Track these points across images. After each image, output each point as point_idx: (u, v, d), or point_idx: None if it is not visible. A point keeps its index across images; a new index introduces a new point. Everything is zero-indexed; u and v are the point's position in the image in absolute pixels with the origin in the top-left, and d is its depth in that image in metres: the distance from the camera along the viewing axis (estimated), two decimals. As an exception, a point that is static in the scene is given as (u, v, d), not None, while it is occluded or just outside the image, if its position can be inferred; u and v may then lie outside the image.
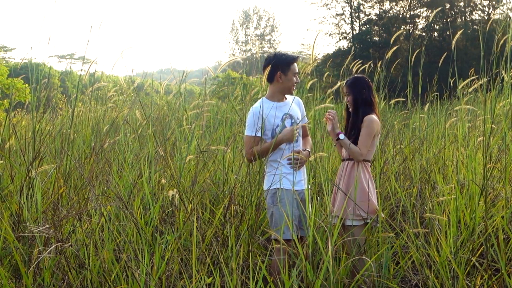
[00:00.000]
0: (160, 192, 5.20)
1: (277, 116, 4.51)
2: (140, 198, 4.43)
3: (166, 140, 6.97)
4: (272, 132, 4.50)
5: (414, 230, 4.34)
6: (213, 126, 9.23)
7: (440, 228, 4.45)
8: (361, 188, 4.50)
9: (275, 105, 4.53)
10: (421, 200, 5.55)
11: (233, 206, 4.75)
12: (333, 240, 3.70)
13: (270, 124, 4.48)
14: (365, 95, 4.65)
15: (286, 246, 3.97)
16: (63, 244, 3.83)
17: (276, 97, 4.58)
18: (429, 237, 4.51)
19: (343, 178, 4.61)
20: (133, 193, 4.96)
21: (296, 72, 4.56)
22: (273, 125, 4.49)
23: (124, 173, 5.56)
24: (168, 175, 5.34)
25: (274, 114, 4.50)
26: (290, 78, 4.54)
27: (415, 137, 7.61)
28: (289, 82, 4.54)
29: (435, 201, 4.88)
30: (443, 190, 4.98)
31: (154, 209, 4.10)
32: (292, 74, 4.54)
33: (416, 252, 4.24)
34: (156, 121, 8.26)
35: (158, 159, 5.90)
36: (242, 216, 4.69)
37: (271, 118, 4.49)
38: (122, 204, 4.24)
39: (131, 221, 4.13)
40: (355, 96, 4.65)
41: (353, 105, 4.67)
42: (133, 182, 5.23)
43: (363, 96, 4.65)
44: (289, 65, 4.52)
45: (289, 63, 4.52)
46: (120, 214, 4.45)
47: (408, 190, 5.85)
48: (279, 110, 4.53)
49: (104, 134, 6.90)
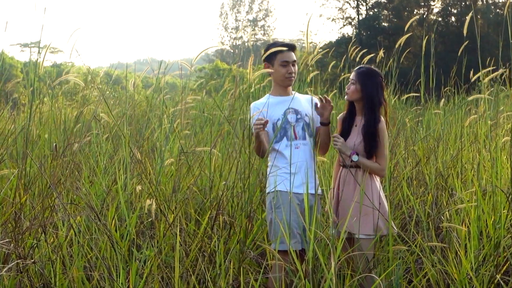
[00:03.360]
0: (138, 200, 5.18)
1: (277, 111, 4.67)
2: (115, 208, 4.42)
3: (144, 140, 6.95)
4: (273, 127, 4.66)
5: (429, 244, 4.34)
6: (199, 125, 9.22)
7: (459, 241, 4.45)
8: (377, 198, 4.50)
9: (275, 99, 4.72)
10: (437, 209, 5.55)
11: (221, 216, 4.74)
12: (337, 254, 3.69)
13: (271, 119, 4.65)
14: (380, 94, 4.61)
15: (283, 261, 3.96)
16: (25, 261, 3.81)
17: (277, 91, 4.79)
18: (447, 251, 4.51)
19: (349, 185, 4.58)
20: (107, 202, 4.94)
21: (284, 61, 4.67)
22: (274, 119, 4.66)
23: (96, 178, 5.54)
24: (146, 181, 5.33)
25: (274, 108, 4.67)
26: (277, 69, 4.69)
27: (430, 137, 7.62)
28: (278, 73, 4.71)
29: (453, 209, 4.88)
30: (462, 197, 4.98)
31: (130, 220, 4.09)
32: (279, 63, 4.68)
33: (432, 268, 4.24)
34: (133, 119, 8.24)
35: (135, 162, 5.88)
36: (232, 227, 4.68)
37: (270, 113, 4.65)
38: (93, 215, 4.22)
39: (104, 234, 4.12)
40: (370, 92, 4.57)
41: (368, 103, 4.59)
42: (106, 189, 5.21)
43: (378, 95, 4.59)
44: (275, 54, 4.66)
45: (275, 52, 4.64)
46: (92, 225, 4.43)
47: (422, 198, 5.85)
48: (281, 104, 4.69)
49: (72, 133, 6.88)
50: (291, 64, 4.68)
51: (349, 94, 4.63)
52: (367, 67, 4.72)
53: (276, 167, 4.58)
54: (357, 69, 4.68)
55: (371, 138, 4.52)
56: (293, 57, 4.69)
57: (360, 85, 4.58)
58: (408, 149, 7.18)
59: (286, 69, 4.68)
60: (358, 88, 4.58)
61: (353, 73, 4.67)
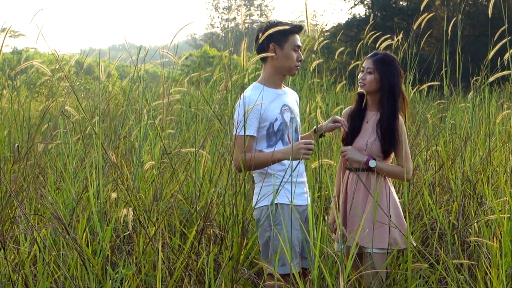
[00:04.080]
0: (113, 210, 5.19)
1: (275, 107, 4.45)
2: (86, 219, 4.43)
3: (121, 140, 6.97)
4: (269, 127, 4.43)
5: (455, 262, 4.35)
6: (185, 122, 9.23)
7: (490, 257, 4.46)
8: (394, 207, 4.52)
9: (270, 93, 4.46)
10: (463, 220, 5.58)
11: (210, 229, 4.74)
12: (346, 273, 3.71)
13: (268, 118, 4.41)
14: (400, 83, 4.64)
15: (284, 283, 3.96)
16: (-18, 281, 3.82)
17: (273, 81, 4.51)
18: (475, 269, 4.54)
19: (360, 191, 4.60)
20: (76, 212, 4.95)
21: (296, 45, 4.46)
22: (271, 119, 4.42)
23: (64, 185, 5.55)
24: (123, 188, 5.34)
25: (271, 105, 4.42)
26: (289, 53, 4.43)
27: (455, 136, 7.64)
28: (288, 59, 4.45)
29: (483, 220, 4.90)
30: (493, 206, 5.00)
31: (104, 234, 4.10)
32: (291, 47, 4.44)
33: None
34: (106, 115, 8.24)
35: (110, 166, 5.89)
36: (223, 242, 4.69)
37: (269, 110, 4.41)
38: (61, 227, 4.23)
39: (73, 250, 4.13)
40: (390, 82, 4.60)
41: (388, 94, 4.61)
42: (76, 197, 5.22)
43: (399, 84, 4.62)
44: (286, 35, 4.42)
45: (287, 33, 4.41)
46: (59, 240, 4.44)
47: (447, 207, 5.87)
48: (277, 100, 4.48)
49: (38, 132, 6.88)
50: (299, 50, 4.51)
51: (367, 85, 4.61)
52: (384, 53, 4.74)
53: (269, 176, 4.41)
54: (372, 55, 4.69)
55: (390, 134, 4.54)
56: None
57: (379, 74, 4.60)
58: (430, 149, 7.20)
59: (297, 56, 4.47)
60: (377, 77, 4.59)
61: (368, 61, 4.67)
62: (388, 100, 4.59)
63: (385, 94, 4.60)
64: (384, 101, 4.60)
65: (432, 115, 9.05)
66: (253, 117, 4.35)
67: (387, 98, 4.59)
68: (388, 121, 4.55)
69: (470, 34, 25.95)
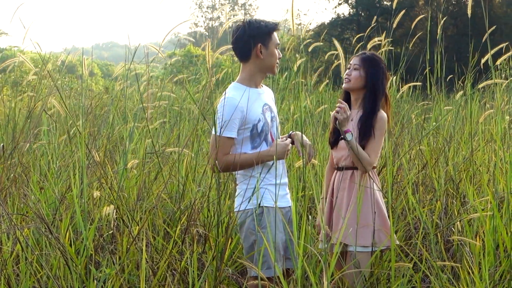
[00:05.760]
0: (96, 210, 5.18)
1: (257, 107, 4.42)
2: (69, 218, 4.41)
3: (105, 139, 6.94)
4: (252, 129, 4.41)
5: (439, 263, 4.36)
6: (168, 121, 9.21)
7: (472, 257, 4.48)
8: (378, 205, 4.54)
9: (254, 91, 4.45)
10: (446, 219, 5.60)
11: (194, 228, 4.74)
12: (329, 272, 3.72)
13: (251, 119, 4.38)
14: (384, 84, 4.68)
15: (268, 282, 3.97)
16: (-36, 281, 3.80)
17: (253, 81, 4.48)
18: (458, 268, 4.55)
19: (344, 190, 4.62)
20: (60, 212, 4.93)
21: (277, 44, 4.49)
22: (254, 120, 4.40)
23: (47, 184, 5.53)
24: (106, 187, 5.33)
25: (253, 105, 4.40)
26: (273, 52, 4.44)
27: (439, 135, 7.67)
28: (272, 58, 4.45)
29: (465, 219, 4.92)
30: (475, 205, 5.02)
31: (87, 233, 4.09)
32: (274, 45, 4.45)
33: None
34: (89, 113, 8.22)
35: (94, 165, 5.87)
36: (207, 241, 4.69)
37: (252, 111, 4.38)
38: (44, 226, 4.21)
39: (56, 249, 4.11)
40: (374, 81, 4.64)
41: (370, 92, 4.64)
42: (59, 196, 5.20)
43: (383, 85, 4.66)
44: (270, 35, 4.43)
45: (270, 32, 4.43)
46: (42, 239, 4.42)
47: (430, 206, 5.89)
48: (258, 99, 4.46)
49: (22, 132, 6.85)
50: (278, 47, 4.51)
51: (352, 81, 4.64)
52: (372, 53, 4.78)
53: (253, 178, 4.40)
54: (361, 54, 4.73)
55: (366, 129, 4.57)
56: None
57: (364, 72, 4.62)
58: (413, 149, 7.22)
59: (278, 53, 4.48)
60: (363, 74, 4.62)
61: (356, 58, 4.70)
62: (369, 98, 4.62)
63: (366, 93, 4.63)
64: (365, 100, 4.63)
65: (417, 115, 9.07)
66: (235, 118, 4.32)
67: (368, 96, 4.62)
68: (366, 117, 4.58)
69: (454, 34, 26.05)
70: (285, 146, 4.35)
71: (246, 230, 4.37)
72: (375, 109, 4.60)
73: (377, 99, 4.62)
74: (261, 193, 4.35)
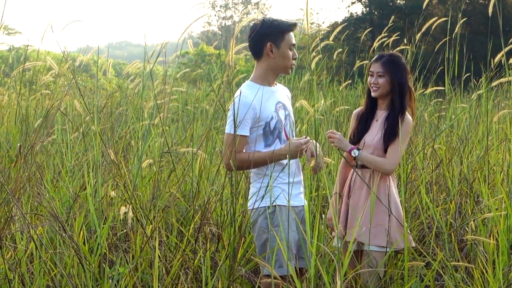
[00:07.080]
0: (110, 208, 5.18)
1: (270, 105, 4.42)
2: (83, 217, 4.42)
3: (120, 138, 6.95)
4: (265, 127, 4.42)
5: (453, 264, 4.35)
6: (181, 121, 9.22)
7: (486, 256, 4.47)
8: (395, 204, 4.53)
9: (267, 90, 4.44)
10: (460, 219, 5.57)
11: (207, 227, 4.74)
12: (343, 271, 3.71)
13: (263, 117, 4.38)
14: (407, 80, 4.67)
15: (281, 281, 3.96)
16: (-22, 279, 3.82)
17: (267, 79, 4.48)
18: (472, 269, 4.53)
19: (361, 189, 4.60)
20: (74, 210, 4.94)
21: (292, 44, 4.44)
22: (267, 118, 4.40)
23: (61, 183, 5.54)
24: (121, 185, 5.33)
25: (266, 103, 4.39)
26: (285, 52, 4.41)
27: (453, 134, 7.64)
28: (284, 58, 4.42)
29: (479, 219, 4.90)
30: (489, 204, 5.00)
31: (101, 232, 4.09)
32: (287, 46, 4.42)
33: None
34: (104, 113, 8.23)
35: (108, 164, 5.88)
36: (220, 240, 4.68)
37: (265, 109, 4.38)
38: (58, 225, 4.22)
39: (70, 248, 4.12)
40: (399, 80, 4.62)
41: (398, 91, 4.62)
42: (73, 195, 5.21)
43: (407, 81, 4.65)
44: (282, 34, 4.40)
45: (283, 31, 4.40)
46: (56, 238, 4.43)
47: (444, 206, 5.87)
48: (271, 98, 4.45)
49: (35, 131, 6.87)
50: (294, 48, 4.49)
51: (381, 88, 4.62)
52: (389, 54, 4.75)
53: (266, 177, 4.39)
54: (379, 58, 4.69)
55: (393, 130, 4.55)
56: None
57: (389, 76, 4.61)
58: (427, 148, 7.19)
59: (293, 54, 4.46)
60: (389, 80, 4.61)
61: (376, 64, 4.66)
62: (399, 99, 4.61)
63: (395, 94, 4.62)
64: (395, 101, 4.62)
65: (430, 114, 9.04)
66: (248, 117, 4.33)
67: (398, 97, 4.61)
68: (394, 118, 4.57)
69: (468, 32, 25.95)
70: (299, 145, 4.34)
71: (259, 228, 4.37)
72: (404, 109, 4.62)
73: (404, 97, 4.63)
74: (274, 191, 4.34)
